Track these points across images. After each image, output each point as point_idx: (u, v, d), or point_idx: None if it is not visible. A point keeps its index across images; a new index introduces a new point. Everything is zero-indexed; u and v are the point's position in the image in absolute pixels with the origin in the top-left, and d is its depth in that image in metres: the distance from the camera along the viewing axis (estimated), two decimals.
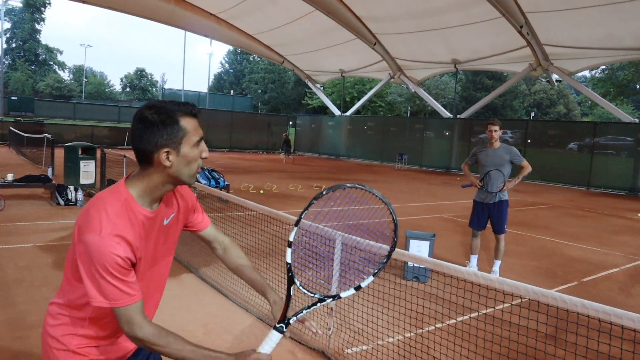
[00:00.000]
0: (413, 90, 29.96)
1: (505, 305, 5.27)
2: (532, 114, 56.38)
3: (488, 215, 6.22)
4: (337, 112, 34.13)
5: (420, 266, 5.49)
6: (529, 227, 10.25)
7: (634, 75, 38.82)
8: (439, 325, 4.31)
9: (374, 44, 25.99)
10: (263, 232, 5.78)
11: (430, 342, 3.86)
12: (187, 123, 1.58)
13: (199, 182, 10.56)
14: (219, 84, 74.55)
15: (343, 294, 1.79)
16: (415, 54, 26.29)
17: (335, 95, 44.52)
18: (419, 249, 5.63)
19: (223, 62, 76.29)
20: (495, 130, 6.01)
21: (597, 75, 47.08)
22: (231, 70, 75.23)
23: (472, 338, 3.52)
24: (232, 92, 67.69)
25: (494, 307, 5.22)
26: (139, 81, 74.43)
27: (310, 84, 35.67)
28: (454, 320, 4.40)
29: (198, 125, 1.63)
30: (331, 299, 1.79)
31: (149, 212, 1.61)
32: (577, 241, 9.20)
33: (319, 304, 1.78)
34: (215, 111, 36.69)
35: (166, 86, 71.60)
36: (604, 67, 41.88)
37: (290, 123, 38.09)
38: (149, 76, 76.52)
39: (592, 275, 6.84)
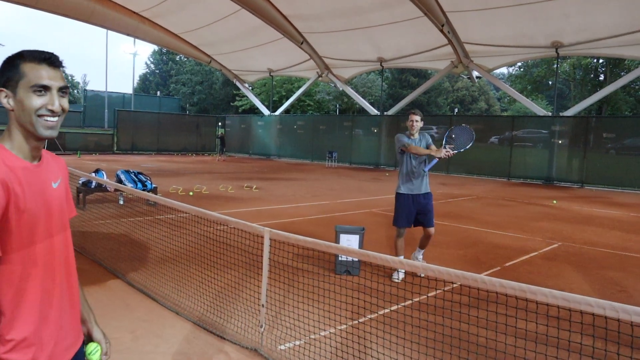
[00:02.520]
0: (341, 89, 30.33)
1: (438, 291, 5.46)
2: (456, 109, 58.49)
3: (417, 209, 5.96)
4: (266, 111, 33.99)
5: (351, 259, 5.57)
6: (454, 218, 10.63)
7: (546, 72, 41.11)
8: (371, 315, 4.38)
9: (301, 43, 26.08)
10: (195, 233, 5.68)
11: (363, 332, 3.92)
12: (29, 68, 1.52)
13: (124, 184, 10.22)
14: (145, 85, 72.24)
15: None
16: (342, 53, 26.63)
17: (264, 95, 44.32)
18: (349, 243, 5.70)
19: (148, 62, 73.89)
20: (417, 121, 5.94)
21: (514, 72, 49.52)
22: (157, 71, 73.03)
23: (404, 326, 3.61)
24: (158, 93, 65.83)
25: (427, 295, 5.39)
26: None
27: (238, 84, 35.31)
28: (387, 310, 4.49)
29: (51, 75, 1.54)
30: None
31: (27, 164, 1.54)
32: (499, 229, 9.64)
33: None
34: (141, 113, 35.56)
35: (88, 87, 68.63)
36: (519, 64, 44.10)
37: (220, 124, 37.56)
38: (70, 77, 73.14)
39: (514, 260, 7.19)
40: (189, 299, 4.78)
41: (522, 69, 46.88)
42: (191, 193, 13.03)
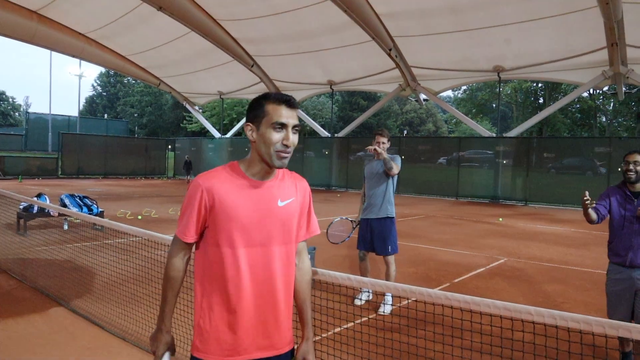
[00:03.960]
0: None
1: (393, 307, 5.51)
2: (405, 131, 59.79)
3: (371, 234, 5.66)
4: (217, 134, 33.76)
5: None
6: (405, 237, 10.80)
7: (490, 95, 42.77)
8: (325, 334, 4.38)
9: (252, 66, 26.15)
10: (144, 257, 5.54)
11: (317, 352, 3.92)
12: (272, 109, 1.84)
13: (69, 209, 9.90)
14: (91, 107, 70.51)
15: None
16: (292, 76, 26.85)
17: (215, 118, 44.06)
18: None
19: (95, 84, 72.34)
20: (384, 142, 5.62)
21: (459, 95, 51.23)
22: (104, 93, 71.45)
23: (358, 343, 3.63)
24: (105, 115, 64.34)
25: (382, 312, 5.42)
26: None
27: (188, 107, 34.96)
28: (341, 328, 4.50)
29: (288, 113, 1.85)
30: None
31: (252, 180, 1.90)
32: (448, 246, 9.86)
33: None
34: (87, 136, 34.69)
35: (31, 110, 66.39)
36: (464, 87, 45.74)
37: (170, 147, 37.00)
38: (10, 99, 70.58)
39: (462, 276, 7.36)
40: (137, 324, 4.65)
41: (467, 93, 48.60)
42: (140, 217, 12.75)
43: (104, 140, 33.85)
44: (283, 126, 1.83)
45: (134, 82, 62.25)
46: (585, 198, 3.81)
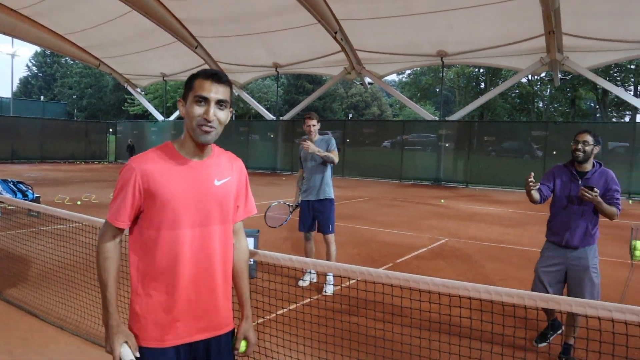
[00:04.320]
0: (236, 94, 30.13)
1: (335, 287, 5.58)
2: (350, 115, 60.17)
3: (313, 215, 5.90)
4: (160, 117, 32.92)
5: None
6: (349, 219, 10.93)
7: (433, 79, 43.58)
8: (269, 316, 4.39)
9: (196, 47, 25.55)
10: (83, 243, 5.36)
11: (260, 334, 3.92)
12: (198, 83, 1.83)
13: (1, 194, 9.45)
14: (26, 89, 67.11)
15: None
16: (237, 58, 26.42)
17: (158, 100, 42.94)
18: None
19: (30, 64, 68.81)
20: (314, 125, 5.81)
21: (404, 79, 51.95)
22: (40, 74, 68.09)
23: (301, 324, 3.66)
24: (42, 97, 61.45)
25: (324, 292, 5.47)
26: None
27: (130, 89, 33.88)
28: (285, 310, 4.51)
29: (212, 87, 1.82)
30: None
31: (187, 159, 1.88)
32: (391, 228, 10.05)
33: None
34: (22, 119, 32.93)
35: None
36: (409, 71, 46.38)
37: (111, 130, 35.79)
38: None
39: (405, 256, 7.54)
40: (75, 312, 4.51)
41: (411, 77, 49.33)
42: (79, 202, 12.32)
43: (40, 123, 32.29)
44: (205, 100, 1.81)
45: (72, 62, 59.59)
46: (530, 180, 3.83)
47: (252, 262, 5.64)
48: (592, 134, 3.91)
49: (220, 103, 1.83)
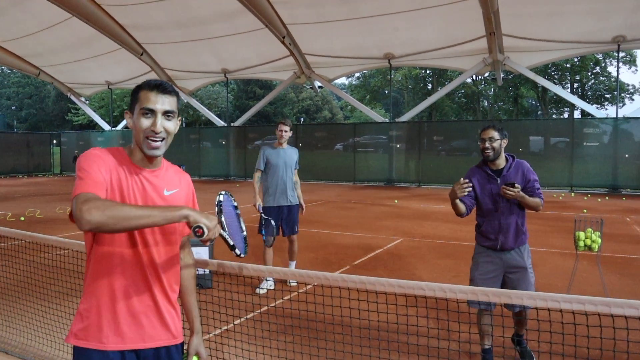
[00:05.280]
0: (185, 101, 29.69)
1: (293, 294, 5.54)
2: (302, 119, 60.28)
3: (280, 220, 6.10)
4: (106, 126, 32.01)
5: (202, 271, 5.44)
6: (305, 223, 10.88)
7: (382, 81, 44.22)
8: (226, 327, 4.32)
9: (141, 54, 24.98)
10: (27, 262, 5.13)
11: (216, 344, 3.84)
12: (143, 94, 1.79)
13: None
14: None
15: None
16: (185, 64, 26.01)
17: (104, 110, 41.80)
18: (198, 255, 5.56)
19: None
20: (286, 131, 5.97)
21: (353, 82, 52.45)
22: None
23: (259, 332, 3.61)
24: None
25: (282, 298, 5.44)
26: None
27: (73, 98, 32.78)
28: (243, 319, 4.45)
29: (158, 99, 1.78)
30: None
31: (138, 167, 1.84)
32: (347, 230, 10.10)
33: None
34: None
35: None
36: (358, 74, 46.90)
37: (55, 141, 34.54)
38: None
39: (362, 258, 7.58)
40: (21, 334, 4.30)
41: (360, 80, 49.88)
42: (22, 218, 11.82)
43: None
44: (152, 112, 1.78)
45: (9, 71, 57.25)
46: (463, 182, 3.59)
47: (207, 272, 5.54)
48: (497, 128, 3.82)
49: (167, 114, 1.81)
